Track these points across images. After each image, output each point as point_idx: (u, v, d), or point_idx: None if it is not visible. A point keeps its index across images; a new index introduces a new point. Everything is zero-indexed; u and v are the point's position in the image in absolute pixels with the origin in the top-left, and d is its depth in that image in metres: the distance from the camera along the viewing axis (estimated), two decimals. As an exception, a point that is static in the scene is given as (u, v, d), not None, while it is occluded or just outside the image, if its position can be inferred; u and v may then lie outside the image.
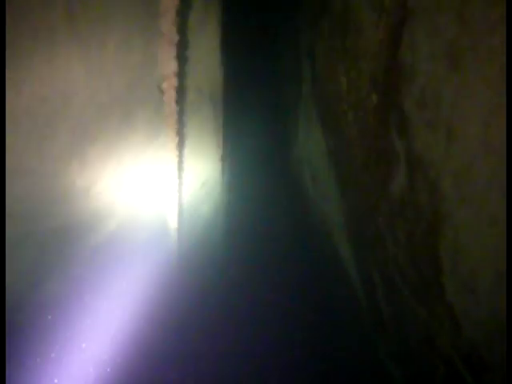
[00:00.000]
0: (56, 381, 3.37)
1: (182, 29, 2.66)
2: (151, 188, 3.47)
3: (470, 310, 2.03)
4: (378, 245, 2.94)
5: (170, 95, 3.01)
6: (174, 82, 2.91)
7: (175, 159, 3.28)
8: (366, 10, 2.69)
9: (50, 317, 3.42)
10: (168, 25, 2.59)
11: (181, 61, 2.82)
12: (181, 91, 2.99)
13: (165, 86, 2.94)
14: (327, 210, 3.91)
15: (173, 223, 3.72)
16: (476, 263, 1.93)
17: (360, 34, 2.80)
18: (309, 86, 3.87)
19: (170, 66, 2.81)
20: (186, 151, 3.35)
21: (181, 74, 2.89)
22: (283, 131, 4.43)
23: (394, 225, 2.66)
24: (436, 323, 2.34)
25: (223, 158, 3.70)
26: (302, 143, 4.25)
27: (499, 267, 1.73)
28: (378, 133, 2.72)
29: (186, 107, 3.14)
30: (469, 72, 1.83)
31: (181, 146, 3.23)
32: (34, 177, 3.00)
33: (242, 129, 3.85)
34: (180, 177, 3.46)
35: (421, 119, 2.24)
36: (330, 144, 3.58)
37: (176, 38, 2.67)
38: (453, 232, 2.06)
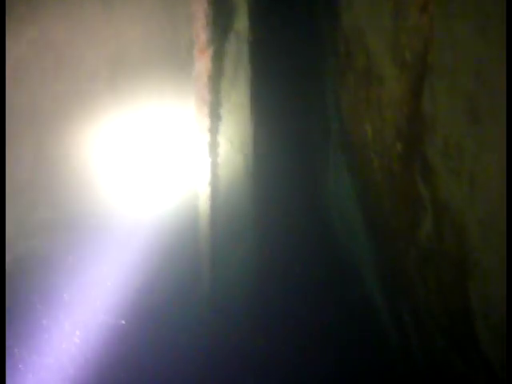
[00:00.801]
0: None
1: (214, 90, 2.87)
2: (185, 237, 3.60)
3: (506, 360, 2.01)
4: (408, 290, 2.95)
5: (203, 149, 3.20)
6: (207, 137, 3.10)
7: (208, 211, 3.42)
8: (389, 64, 2.81)
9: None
10: (201, 87, 2.79)
11: (213, 118, 3.01)
12: (213, 145, 3.17)
13: (198, 141, 3.13)
14: (357, 254, 3.94)
15: (206, 270, 3.82)
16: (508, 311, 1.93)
17: (383, 87, 2.92)
18: (336, 135, 3.99)
19: (203, 122, 3.00)
20: (219, 202, 3.49)
21: (213, 130, 3.08)
22: (313, 179, 4.54)
23: (423, 270, 2.68)
24: (471, 372, 2.31)
25: (255, 208, 3.81)
26: (331, 190, 4.34)
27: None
28: (403, 180, 2.78)
29: (218, 160, 3.31)
30: (488, 126, 1.90)
31: (213, 197, 3.38)
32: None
33: (272, 178, 3.98)
34: (212, 226, 3.58)
35: (445, 168, 2.29)
36: (358, 190, 3.66)
37: (208, 98, 2.87)
38: (482, 279, 2.08)
